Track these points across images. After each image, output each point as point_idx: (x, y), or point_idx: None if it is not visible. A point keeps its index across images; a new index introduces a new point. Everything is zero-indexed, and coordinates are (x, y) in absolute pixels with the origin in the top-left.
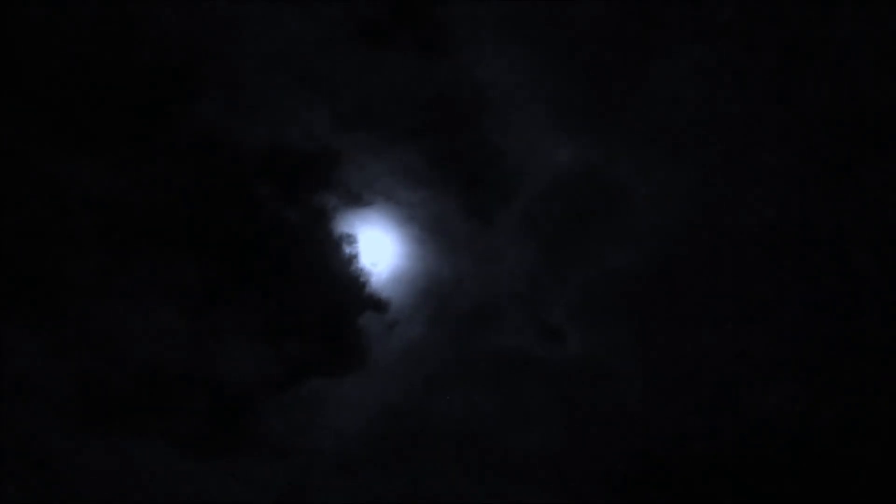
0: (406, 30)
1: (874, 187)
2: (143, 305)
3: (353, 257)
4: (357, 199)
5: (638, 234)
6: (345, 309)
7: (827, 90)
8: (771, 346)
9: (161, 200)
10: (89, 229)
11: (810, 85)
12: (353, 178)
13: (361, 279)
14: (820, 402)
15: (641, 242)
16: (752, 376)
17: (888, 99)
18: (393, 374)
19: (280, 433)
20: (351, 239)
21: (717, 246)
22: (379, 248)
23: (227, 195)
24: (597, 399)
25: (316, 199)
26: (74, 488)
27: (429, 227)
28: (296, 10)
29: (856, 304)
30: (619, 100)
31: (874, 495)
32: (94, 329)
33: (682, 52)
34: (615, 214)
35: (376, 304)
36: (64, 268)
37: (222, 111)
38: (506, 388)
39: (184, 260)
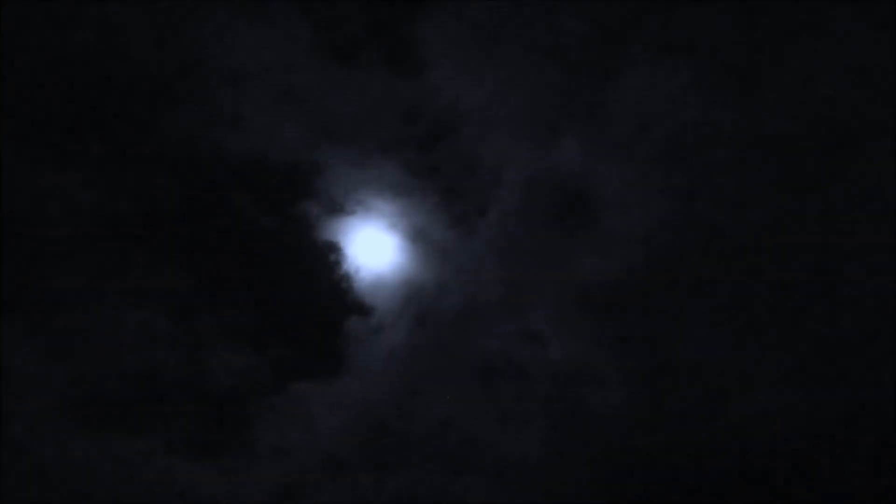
0: (376, 48)
1: (854, 192)
2: (133, 311)
3: (337, 264)
4: (339, 209)
5: (614, 240)
6: (330, 314)
7: (802, 99)
8: (752, 352)
9: (149, 209)
10: (79, 237)
11: (785, 94)
12: (334, 189)
13: (345, 285)
14: (804, 406)
15: (618, 248)
16: (734, 381)
17: (860, 106)
18: (378, 378)
19: (268, 435)
20: (334, 246)
21: (694, 251)
22: (362, 255)
23: (213, 204)
24: (579, 402)
25: (299, 208)
26: (69, 488)
27: (410, 235)
28: (272, 29)
29: (839, 309)
30: (591, 111)
31: (862, 500)
32: (86, 334)
33: (653, 64)
34: (591, 221)
35: (360, 309)
36: (56, 275)
37: (205, 124)
38: (488, 392)
39: (172, 267)
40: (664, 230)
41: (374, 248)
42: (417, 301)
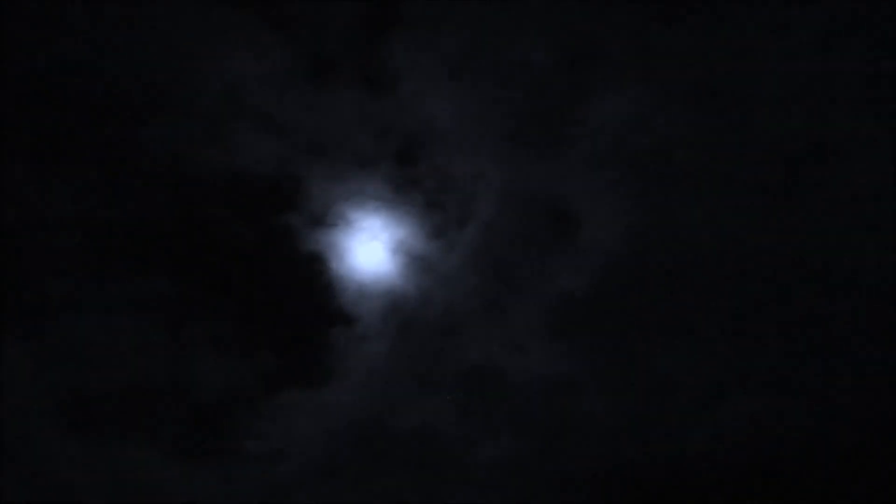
0: (352, 68)
1: (825, 202)
2: (123, 320)
3: (321, 275)
4: (321, 222)
5: (591, 252)
6: (315, 324)
7: (772, 118)
8: (728, 361)
9: (138, 221)
10: (69, 248)
11: (754, 113)
12: (316, 203)
13: (329, 296)
14: (778, 415)
15: (594, 260)
16: (710, 390)
17: (828, 118)
18: (363, 385)
19: (256, 441)
20: (318, 258)
21: (670, 263)
22: (345, 267)
23: (199, 217)
24: (559, 410)
25: (282, 221)
26: (61, 492)
27: (391, 247)
28: (252, 50)
29: (812, 318)
30: (564, 127)
31: None
32: (78, 341)
33: (623, 81)
34: (568, 234)
35: (345, 318)
36: (47, 284)
37: (191, 140)
38: (471, 400)
39: (161, 277)
40: (639, 242)
41: (356, 259)
42: (400, 311)
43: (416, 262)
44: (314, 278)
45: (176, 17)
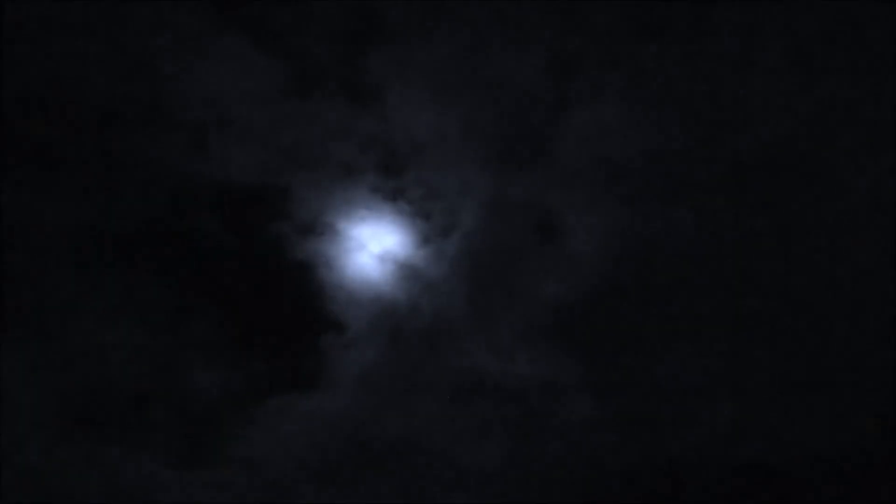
0: (335, 80)
1: (810, 210)
2: (117, 326)
3: (310, 283)
4: (310, 231)
5: (576, 260)
6: (305, 331)
7: (756, 127)
8: (715, 367)
9: (130, 231)
10: (62, 256)
11: (738, 122)
12: (304, 212)
13: (318, 303)
14: (765, 420)
15: (581, 268)
16: (697, 396)
17: (816, 133)
18: (352, 392)
19: (246, 446)
20: (307, 266)
21: (656, 270)
22: (333, 275)
23: (189, 226)
24: (548, 416)
25: (271, 230)
26: (57, 493)
27: (379, 255)
28: (235, 63)
29: (800, 324)
30: (547, 138)
31: None
32: (72, 347)
33: (608, 91)
34: (553, 243)
35: (334, 326)
36: (42, 292)
37: (180, 153)
38: (459, 406)
39: (153, 286)
40: (623, 250)
41: (344, 267)
42: (389, 318)
43: (403, 270)
44: (303, 286)
45: (163, 30)
